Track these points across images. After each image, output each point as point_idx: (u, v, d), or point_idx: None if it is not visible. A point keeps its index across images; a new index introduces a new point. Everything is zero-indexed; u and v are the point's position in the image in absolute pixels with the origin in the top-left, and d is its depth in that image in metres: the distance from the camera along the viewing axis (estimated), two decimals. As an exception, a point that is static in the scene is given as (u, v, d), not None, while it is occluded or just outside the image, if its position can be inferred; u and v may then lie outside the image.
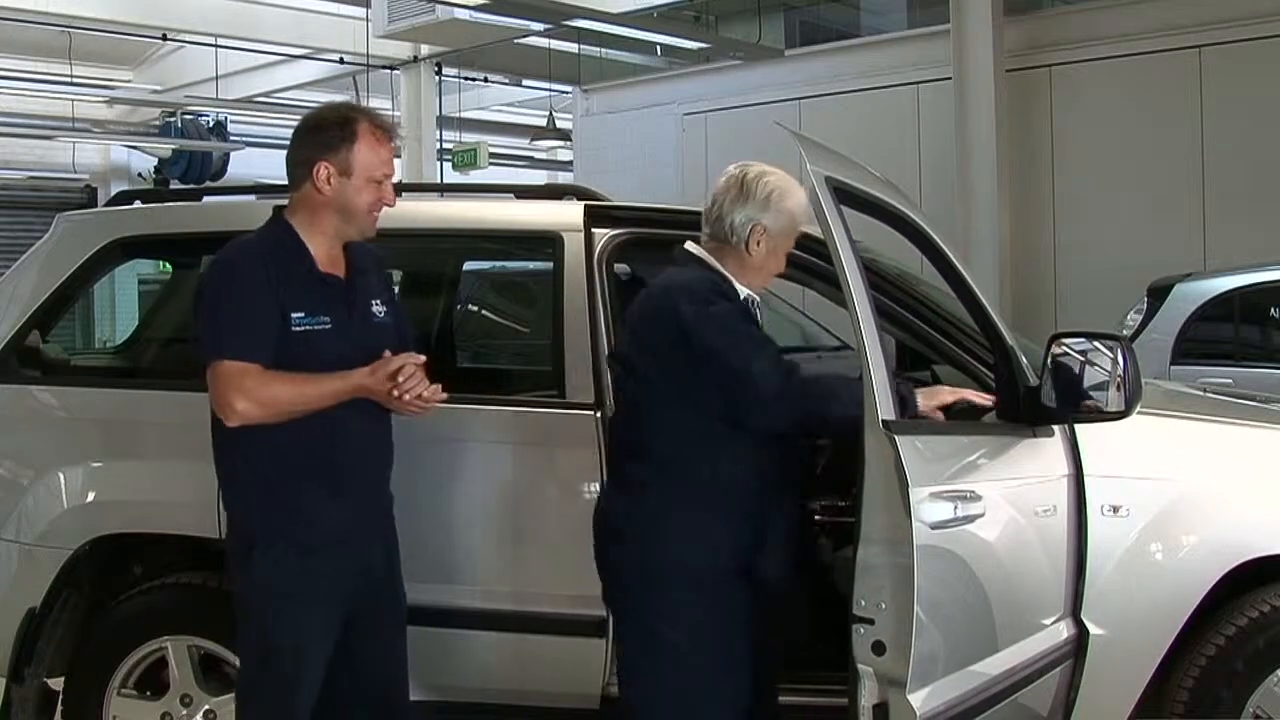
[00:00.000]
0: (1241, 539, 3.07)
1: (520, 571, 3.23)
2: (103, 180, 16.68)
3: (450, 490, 3.25)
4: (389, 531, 2.96)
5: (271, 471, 2.76)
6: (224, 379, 2.66)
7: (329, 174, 2.78)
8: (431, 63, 13.85)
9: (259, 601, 2.78)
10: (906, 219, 3.07)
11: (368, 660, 2.93)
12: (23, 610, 3.39)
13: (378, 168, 2.82)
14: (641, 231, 3.53)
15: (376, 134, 2.83)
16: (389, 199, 2.86)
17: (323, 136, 2.81)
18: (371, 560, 2.88)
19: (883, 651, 2.56)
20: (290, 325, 2.71)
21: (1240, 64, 9.23)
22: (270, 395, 2.66)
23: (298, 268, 2.77)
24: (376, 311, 2.89)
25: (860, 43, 12.17)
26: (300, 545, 2.76)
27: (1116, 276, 8.92)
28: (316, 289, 2.78)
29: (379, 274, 2.98)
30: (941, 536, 2.64)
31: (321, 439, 2.74)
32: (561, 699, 3.23)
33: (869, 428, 2.58)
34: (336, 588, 2.81)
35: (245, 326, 2.68)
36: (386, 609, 2.95)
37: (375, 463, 2.90)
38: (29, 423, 3.60)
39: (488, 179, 13.67)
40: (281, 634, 2.77)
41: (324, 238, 2.82)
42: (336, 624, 2.83)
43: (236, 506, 2.85)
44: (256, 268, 2.73)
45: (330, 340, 2.75)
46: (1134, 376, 2.97)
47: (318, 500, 2.77)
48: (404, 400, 2.70)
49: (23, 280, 3.71)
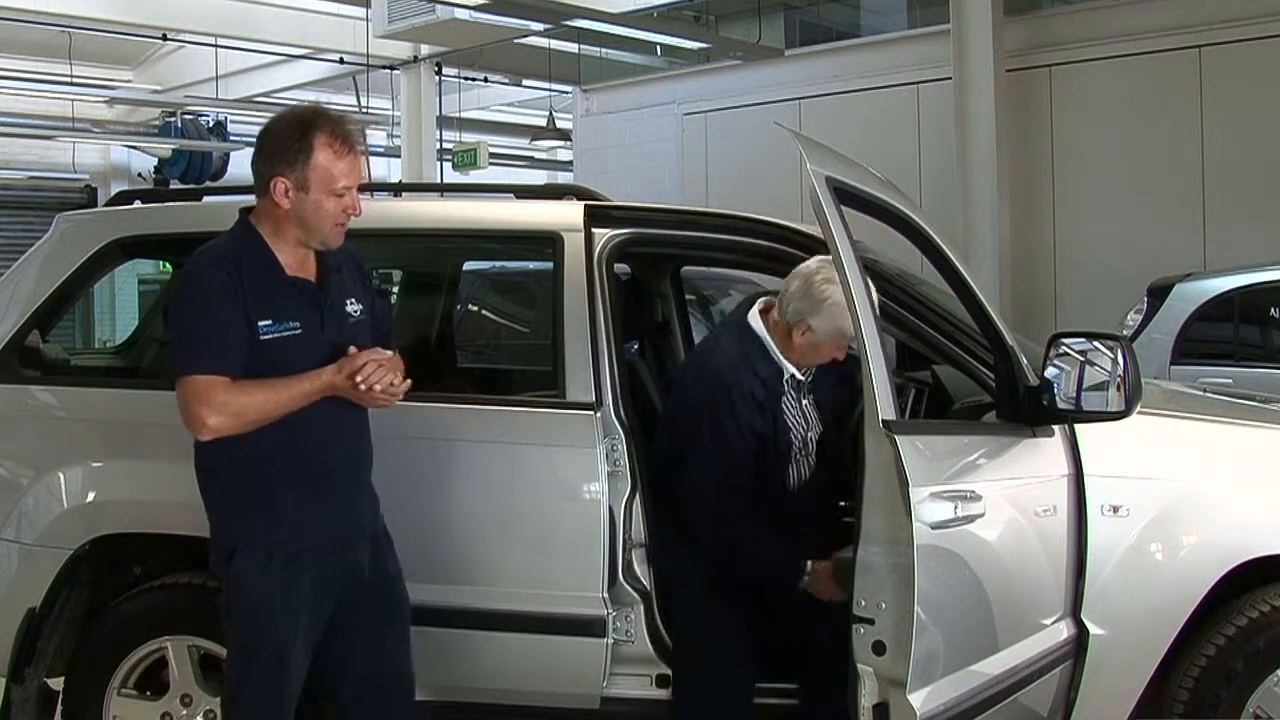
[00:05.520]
0: (1241, 539, 3.08)
1: (520, 572, 3.23)
2: (103, 180, 16.68)
3: (450, 490, 3.25)
4: (377, 531, 2.95)
5: (250, 476, 2.75)
6: (192, 394, 2.64)
7: (285, 188, 2.72)
8: (431, 63, 13.85)
9: (242, 605, 2.77)
10: (907, 219, 3.07)
11: (366, 661, 2.93)
12: (23, 610, 3.38)
13: (337, 180, 2.74)
14: (641, 232, 3.52)
15: (335, 145, 2.73)
16: (354, 209, 2.79)
17: (279, 148, 2.74)
18: (358, 561, 2.88)
19: (883, 651, 2.56)
20: (258, 334, 2.69)
21: (1240, 64, 9.23)
22: (240, 406, 2.65)
23: (264, 274, 2.74)
24: (352, 310, 2.87)
25: (860, 43, 12.16)
26: (282, 551, 2.76)
27: (1116, 276, 8.93)
28: (284, 295, 2.75)
29: (354, 271, 2.95)
30: (942, 536, 2.64)
31: (299, 441, 2.74)
32: (562, 699, 3.23)
33: (869, 428, 2.58)
34: (321, 591, 2.81)
35: (211, 340, 2.66)
36: (382, 609, 2.94)
37: (354, 462, 2.89)
38: (29, 423, 3.59)
39: (488, 179, 13.67)
40: (265, 637, 2.76)
41: (289, 244, 2.79)
42: (320, 626, 2.83)
43: (216, 511, 2.84)
44: (221, 279, 2.69)
45: (301, 345, 2.73)
46: (1134, 376, 2.97)
47: (298, 504, 2.76)
48: (371, 393, 2.68)
49: (23, 280, 3.71)
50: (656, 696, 3.23)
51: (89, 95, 14.95)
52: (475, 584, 3.24)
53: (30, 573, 3.42)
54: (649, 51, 12.54)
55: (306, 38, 12.98)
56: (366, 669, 2.94)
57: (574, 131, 14.17)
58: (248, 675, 2.80)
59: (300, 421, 2.70)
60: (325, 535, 2.80)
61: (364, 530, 2.91)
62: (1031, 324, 9.26)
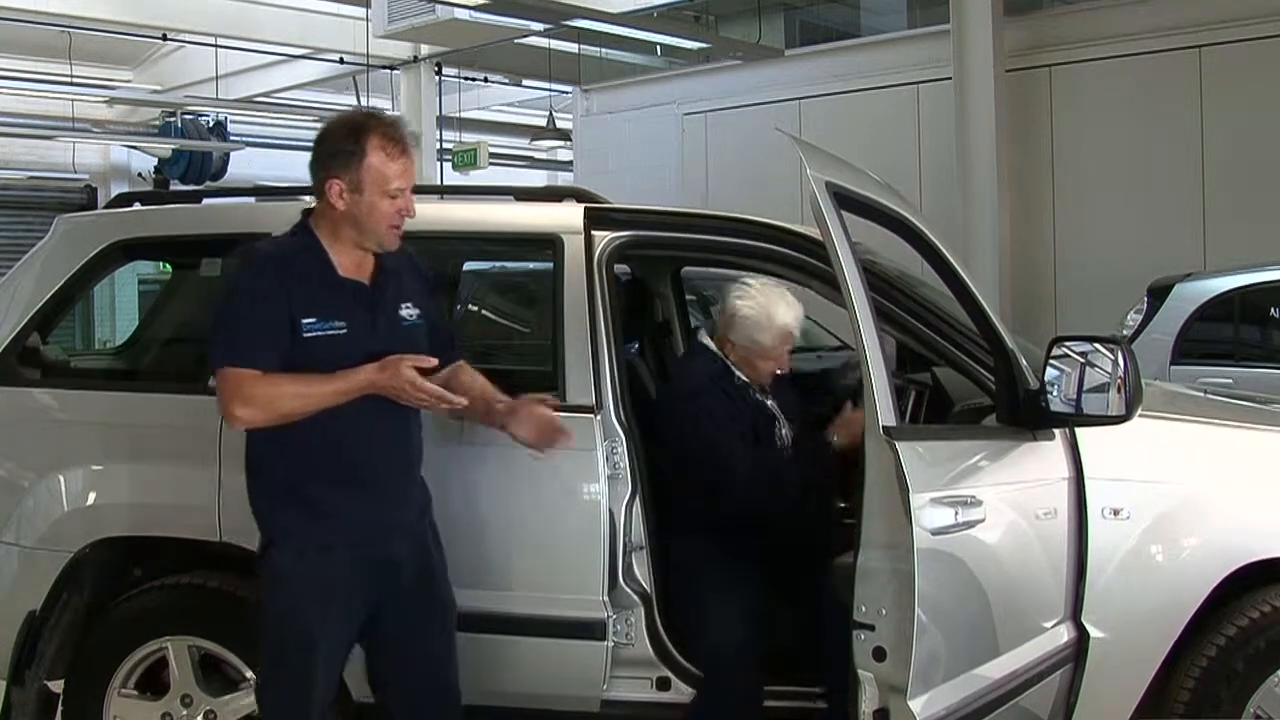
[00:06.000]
0: (1242, 542, 3.07)
1: (520, 575, 3.23)
2: (103, 180, 16.66)
3: (450, 493, 3.24)
4: (421, 531, 2.97)
5: (291, 469, 2.81)
6: (223, 385, 2.72)
7: (340, 190, 2.79)
8: (431, 63, 13.84)
9: (274, 597, 2.83)
10: (907, 223, 3.07)
11: (410, 669, 2.94)
12: (23, 613, 3.38)
13: (390, 181, 2.79)
14: (641, 234, 3.52)
15: (388, 147, 2.79)
16: (408, 210, 2.84)
17: (334, 150, 2.80)
18: (398, 560, 2.89)
19: (883, 657, 2.56)
20: (302, 331, 2.74)
21: (1240, 64, 9.23)
22: (269, 398, 2.70)
23: (315, 274, 2.80)
24: (406, 314, 2.91)
25: (860, 43, 12.16)
26: (314, 543, 2.79)
27: (1116, 276, 8.92)
28: (333, 295, 2.80)
29: (414, 275, 2.99)
30: (942, 542, 2.64)
31: (341, 437, 2.78)
32: (562, 702, 3.23)
33: (869, 434, 2.58)
34: (353, 585, 2.83)
35: (246, 333, 2.72)
36: (423, 610, 2.95)
37: (398, 460, 2.91)
38: (29, 425, 3.59)
39: (488, 179, 13.66)
40: (295, 630, 2.79)
41: (346, 246, 2.85)
42: (355, 624, 2.86)
43: (256, 504, 2.89)
44: (268, 274, 2.76)
45: (348, 344, 2.77)
46: (1134, 379, 2.97)
47: (333, 498, 2.80)
48: (418, 394, 2.72)
49: (23, 282, 3.71)
50: (657, 699, 3.23)
51: (89, 95, 14.94)
52: (475, 587, 3.23)
53: (30, 576, 3.42)
54: (649, 51, 12.53)
55: (306, 38, 12.97)
56: (411, 679, 2.95)
57: (574, 131, 14.17)
58: (277, 667, 2.84)
59: (341, 417, 2.74)
60: (359, 530, 2.83)
61: (406, 529, 2.92)
62: (1031, 324, 9.26)
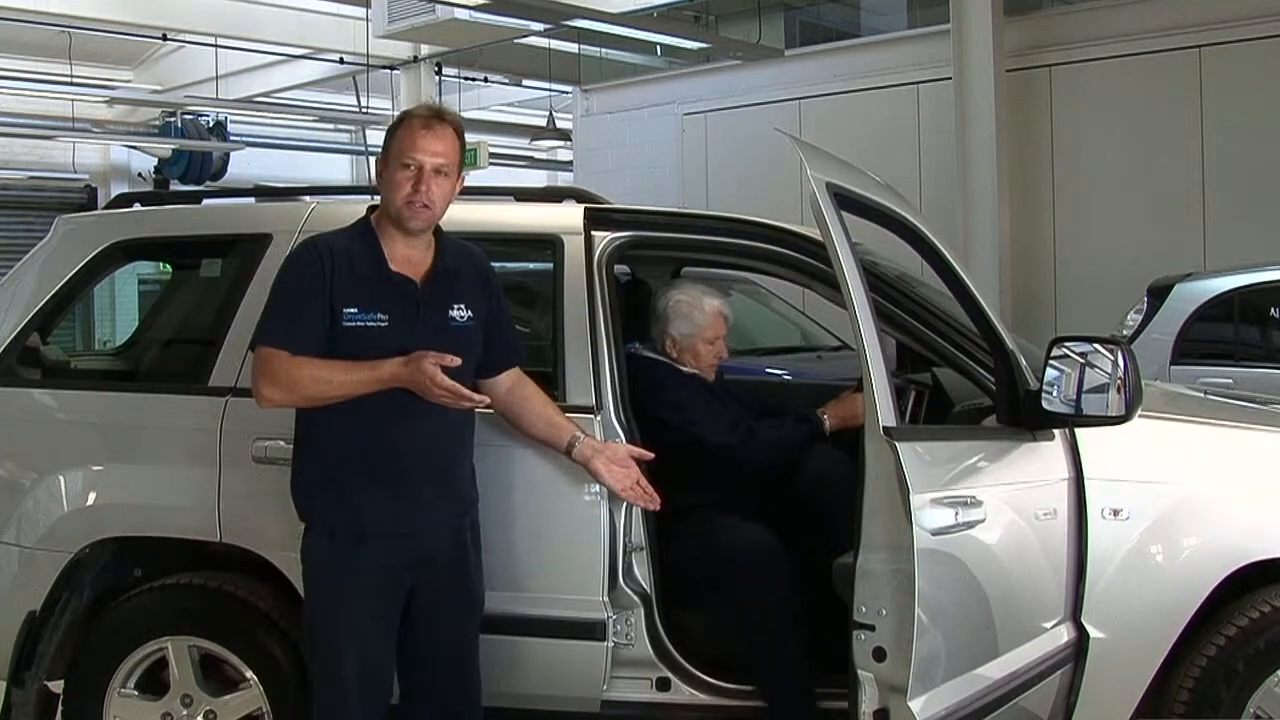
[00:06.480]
0: (1242, 542, 3.07)
1: (520, 575, 3.23)
2: (103, 180, 16.66)
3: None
4: (461, 527, 2.97)
5: (329, 459, 2.85)
6: (256, 364, 2.82)
7: (379, 172, 2.90)
8: (431, 63, 13.84)
9: (312, 586, 2.89)
10: (907, 224, 3.07)
11: (432, 657, 2.96)
12: (23, 613, 3.38)
13: (405, 151, 2.83)
14: (641, 234, 3.52)
15: (415, 125, 2.85)
16: (423, 188, 2.82)
17: (384, 142, 2.92)
18: (433, 554, 2.90)
19: (883, 657, 2.56)
20: (342, 320, 2.78)
21: (1240, 64, 9.22)
22: (292, 379, 2.76)
23: (364, 265, 2.84)
24: (457, 315, 2.93)
25: (860, 43, 12.15)
26: (346, 532, 2.82)
27: (1116, 276, 8.93)
28: (378, 287, 2.84)
29: (476, 277, 3.00)
30: (942, 542, 2.64)
31: (370, 427, 2.81)
32: (562, 703, 3.23)
33: (869, 434, 2.58)
34: (386, 579, 2.85)
35: (283, 315, 2.81)
36: (451, 605, 2.96)
37: (432, 456, 2.91)
38: (29, 425, 3.59)
39: (487, 179, 13.66)
40: (330, 619, 2.84)
41: (393, 238, 2.89)
42: (392, 616, 2.88)
43: (296, 489, 2.93)
44: (311, 261, 2.83)
45: (387, 336, 2.80)
46: (1134, 380, 2.97)
47: (361, 487, 2.83)
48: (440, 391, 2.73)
49: (23, 282, 3.71)
50: (657, 700, 3.23)
51: (89, 95, 14.94)
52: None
53: (30, 576, 3.42)
54: (649, 51, 12.52)
55: (306, 38, 12.97)
56: (433, 665, 2.97)
57: (574, 131, 14.16)
58: (319, 657, 2.90)
59: (373, 407, 2.78)
60: (388, 522, 2.85)
61: (440, 526, 2.93)
62: (1031, 324, 9.26)
